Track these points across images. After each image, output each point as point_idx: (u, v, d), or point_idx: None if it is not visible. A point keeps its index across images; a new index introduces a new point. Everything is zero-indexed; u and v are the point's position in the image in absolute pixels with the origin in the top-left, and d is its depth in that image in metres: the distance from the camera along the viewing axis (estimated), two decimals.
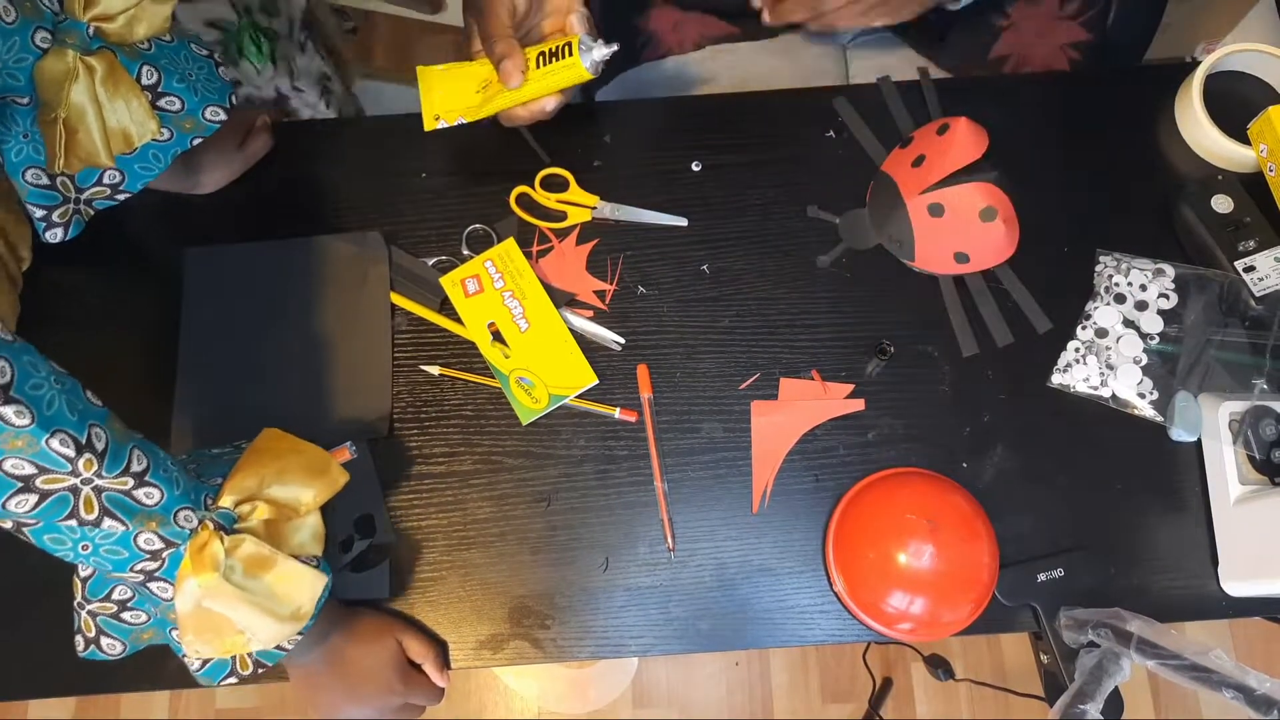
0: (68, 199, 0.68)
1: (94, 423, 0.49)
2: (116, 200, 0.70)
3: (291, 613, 0.56)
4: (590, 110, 0.85)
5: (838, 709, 1.44)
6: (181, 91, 0.66)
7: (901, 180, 0.73)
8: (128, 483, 0.50)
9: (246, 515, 0.56)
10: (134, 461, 0.51)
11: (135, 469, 0.51)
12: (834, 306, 0.74)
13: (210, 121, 0.69)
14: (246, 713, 1.39)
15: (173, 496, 0.52)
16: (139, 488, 0.51)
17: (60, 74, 0.60)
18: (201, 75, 0.68)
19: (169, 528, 0.52)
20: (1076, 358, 0.72)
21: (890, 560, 0.64)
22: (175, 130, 0.68)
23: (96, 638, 0.58)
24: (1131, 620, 0.61)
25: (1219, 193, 0.73)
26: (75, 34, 0.60)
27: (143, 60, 0.64)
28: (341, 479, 0.60)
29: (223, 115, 0.69)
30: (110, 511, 0.50)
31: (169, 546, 0.53)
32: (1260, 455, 0.66)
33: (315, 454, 0.61)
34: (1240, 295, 0.71)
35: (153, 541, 0.52)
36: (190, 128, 0.68)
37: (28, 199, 0.65)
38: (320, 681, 0.65)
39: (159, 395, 0.72)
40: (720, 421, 0.72)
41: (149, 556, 0.53)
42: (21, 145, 0.62)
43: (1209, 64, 0.76)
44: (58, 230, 0.68)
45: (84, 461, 0.48)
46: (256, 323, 0.74)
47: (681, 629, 0.68)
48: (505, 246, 0.75)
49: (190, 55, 0.68)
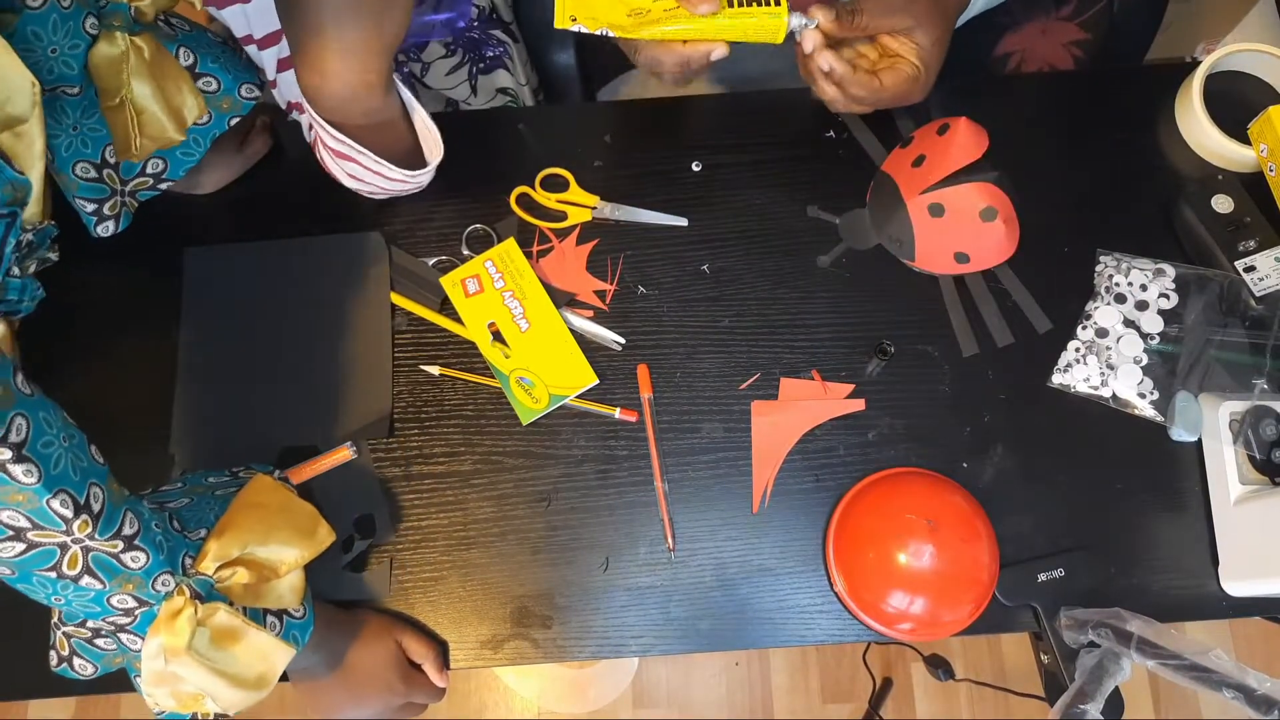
0: (115, 191, 0.68)
1: (94, 482, 0.49)
2: (159, 189, 0.71)
3: (254, 680, 0.55)
4: (590, 110, 0.85)
5: (838, 709, 1.44)
6: (216, 71, 0.67)
7: (902, 180, 0.73)
8: (118, 545, 0.50)
9: (225, 579, 0.55)
10: (126, 525, 0.50)
11: (126, 532, 0.50)
12: (834, 306, 0.74)
13: (246, 99, 0.69)
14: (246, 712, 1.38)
15: (157, 561, 0.52)
16: (127, 551, 0.51)
17: (116, 57, 0.60)
18: (228, 57, 0.69)
19: (145, 590, 0.52)
20: (1077, 358, 0.72)
21: (890, 560, 0.64)
22: (214, 111, 0.68)
23: (69, 657, 0.58)
24: (1131, 620, 0.61)
25: (1219, 193, 0.73)
26: (120, 16, 0.60)
27: (178, 42, 0.65)
28: (328, 540, 0.60)
29: (257, 92, 0.70)
30: (92, 571, 0.50)
31: (142, 605, 0.53)
32: (1260, 455, 0.66)
33: (304, 514, 0.60)
34: (1240, 295, 0.71)
35: (126, 601, 0.52)
36: (228, 107, 0.69)
37: (78, 194, 0.65)
38: (320, 683, 0.65)
39: (159, 395, 0.72)
40: (720, 421, 0.72)
41: (121, 613, 0.53)
42: (71, 139, 0.62)
43: (1209, 64, 0.76)
44: (109, 223, 0.68)
45: (79, 523, 0.48)
46: (256, 323, 0.74)
47: (681, 629, 0.68)
48: (505, 246, 0.75)
49: (210, 40, 0.69)
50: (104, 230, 0.68)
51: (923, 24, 0.68)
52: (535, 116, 0.80)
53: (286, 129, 0.80)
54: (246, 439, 0.71)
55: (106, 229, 0.68)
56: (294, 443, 0.71)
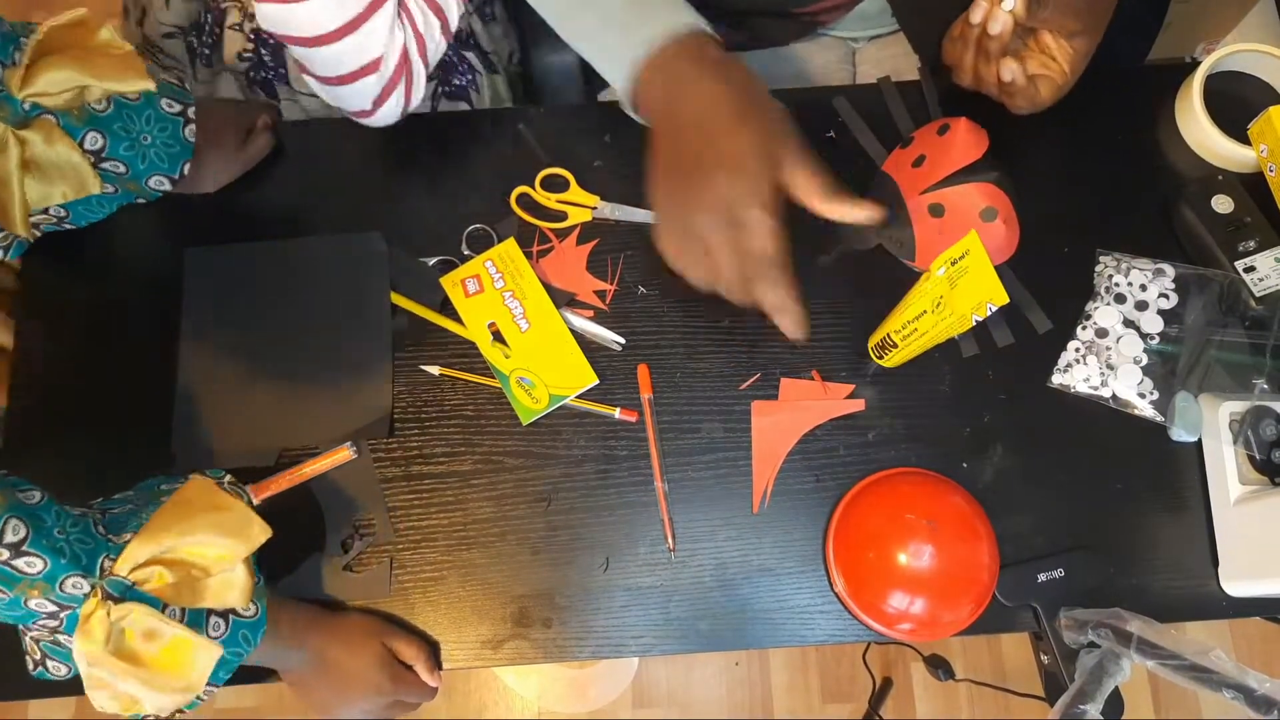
0: None
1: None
2: (63, 228, 0.72)
3: (181, 685, 0.55)
4: (590, 110, 0.85)
5: (838, 709, 1.44)
6: (127, 158, 0.67)
7: (902, 180, 0.73)
8: (3, 554, 0.50)
9: (145, 581, 0.55)
10: (8, 532, 0.50)
11: (10, 540, 0.50)
12: (834, 306, 0.74)
13: (154, 189, 0.70)
14: (246, 712, 1.38)
15: (57, 565, 0.51)
16: (16, 558, 0.50)
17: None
18: (161, 138, 0.68)
19: (55, 594, 0.52)
20: (1076, 358, 0.72)
21: (890, 560, 0.64)
22: (121, 188, 0.69)
23: (42, 660, 0.58)
24: (1131, 620, 0.61)
25: (1219, 193, 0.73)
26: (7, 108, 0.60)
27: (89, 126, 0.64)
28: (261, 536, 0.59)
29: (168, 185, 0.70)
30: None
31: (63, 609, 0.53)
32: (1260, 455, 0.66)
33: (233, 510, 0.59)
34: (1240, 295, 0.71)
35: (44, 605, 0.52)
36: (135, 189, 0.70)
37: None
38: (309, 683, 0.66)
39: (159, 395, 0.72)
40: (720, 421, 0.72)
41: (46, 616, 0.53)
42: None
43: (1209, 64, 0.76)
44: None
45: None
46: (256, 323, 0.74)
47: (681, 629, 0.68)
48: (505, 246, 0.75)
49: (155, 115, 0.68)
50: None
51: (1089, 32, 0.68)
52: (535, 116, 0.80)
53: (288, 129, 0.80)
54: (246, 439, 0.71)
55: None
56: (294, 443, 0.71)
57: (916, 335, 0.64)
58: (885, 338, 0.68)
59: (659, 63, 0.60)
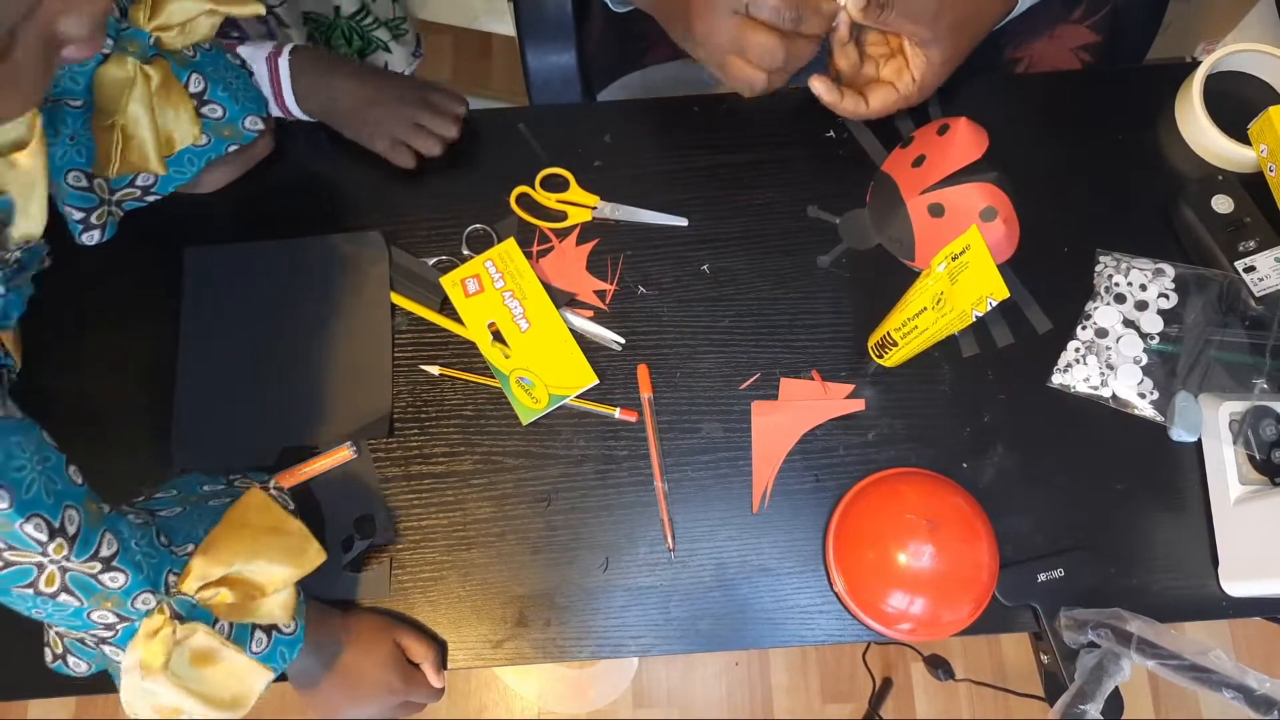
0: (104, 200, 0.68)
1: (70, 504, 0.49)
2: (145, 202, 0.71)
3: (230, 702, 0.56)
4: (590, 110, 0.85)
5: (838, 709, 1.44)
6: (224, 100, 0.68)
7: (902, 180, 0.73)
8: (95, 567, 0.50)
9: (208, 599, 0.55)
10: (104, 547, 0.51)
11: (104, 554, 0.51)
12: (834, 306, 0.74)
13: (249, 130, 0.70)
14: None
15: (136, 581, 0.52)
16: (105, 572, 0.51)
17: (120, 81, 0.61)
18: (240, 84, 0.69)
19: (125, 608, 0.52)
20: (1076, 358, 0.72)
21: (890, 560, 0.64)
22: (214, 136, 0.69)
23: (64, 655, 0.58)
24: (1131, 620, 0.61)
25: (1219, 193, 0.73)
26: (137, 42, 0.61)
27: (191, 68, 0.65)
28: (318, 559, 0.59)
29: (260, 124, 0.71)
30: (70, 590, 0.50)
31: (123, 621, 0.53)
32: (1260, 455, 0.66)
33: (294, 533, 0.60)
34: (1240, 295, 0.71)
35: (106, 617, 0.52)
36: (229, 135, 0.70)
37: (67, 201, 0.65)
38: (318, 684, 0.65)
39: (159, 395, 0.72)
40: (720, 421, 0.72)
41: (103, 627, 0.53)
42: (67, 148, 0.62)
43: (1209, 64, 0.76)
44: (95, 232, 0.69)
45: (55, 546, 0.48)
46: (256, 323, 0.74)
47: (681, 629, 0.68)
48: (505, 246, 0.75)
49: (228, 64, 0.69)
50: (89, 239, 0.68)
51: (940, 40, 0.67)
52: (535, 116, 0.80)
53: (288, 130, 0.80)
54: (247, 439, 0.71)
55: (92, 237, 0.68)
56: (294, 443, 0.71)
57: (917, 333, 0.64)
58: (885, 336, 0.68)
59: None
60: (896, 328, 0.67)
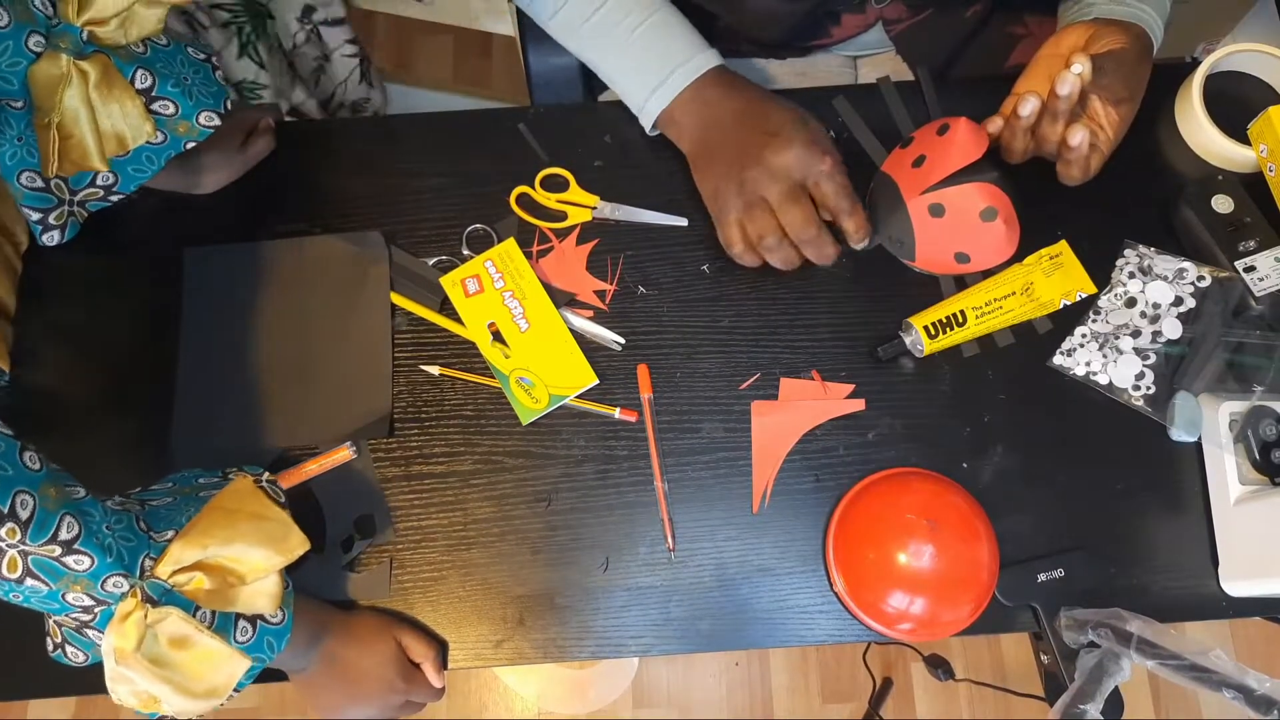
0: (63, 201, 0.68)
1: (21, 489, 0.49)
2: (110, 201, 0.71)
3: (205, 691, 0.55)
4: (590, 110, 0.85)
5: (838, 709, 1.44)
6: (176, 96, 0.66)
7: (902, 180, 0.73)
8: (55, 550, 0.50)
9: (183, 584, 0.55)
10: (63, 529, 0.50)
11: (64, 537, 0.50)
12: (834, 306, 0.74)
13: (204, 126, 0.69)
14: (246, 713, 1.38)
15: (104, 564, 0.52)
16: (67, 555, 0.51)
17: (53, 78, 0.60)
18: (198, 79, 0.68)
19: (96, 591, 0.52)
20: (1081, 342, 0.72)
21: (890, 560, 0.64)
22: (169, 134, 0.68)
23: (62, 644, 0.58)
24: (1131, 620, 0.61)
25: (1219, 193, 0.73)
26: (68, 38, 0.60)
27: (137, 64, 0.64)
28: (300, 548, 0.59)
29: (217, 120, 0.69)
30: (34, 573, 0.50)
31: (100, 604, 0.53)
32: (1260, 455, 0.66)
33: (275, 520, 0.60)
34: (1241, 295, 0.71)
35: (81, 599, 0.52)
36: (184, 131, 0.68)
37: (23, 203, 0.65)
38: (319, 684, 0.65)
39: (158, 395, 0.72)
40: (720, 421, 0.72)
41: (81, 610, 0.53)
42: (16, 149, 0.62)
43: (1209, 64, 0.76)
44: (54, 233, 0.68)
45: (6, 530, 0.48)
46: (256, 323, 0.74)
47: (681, 629, 0.68)
48: (505, 246, 0.75)
49: (186, 59, 0.67)
50: (49, 240, 0.68)
51: (1133, 99, 0.70)
52: (535, 116, 0.80)
53: (287, 129, 0.80)
54: (246, 439, 0.71)
55: (52, 238, 0.68)
56: (294, 443, 0.71)
57: (1001, 313, 0.71)
58: (955, 315, 0.70)
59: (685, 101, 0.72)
60: (976, 306, 0.70)
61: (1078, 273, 0.73)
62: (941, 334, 0.70)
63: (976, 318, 0.71)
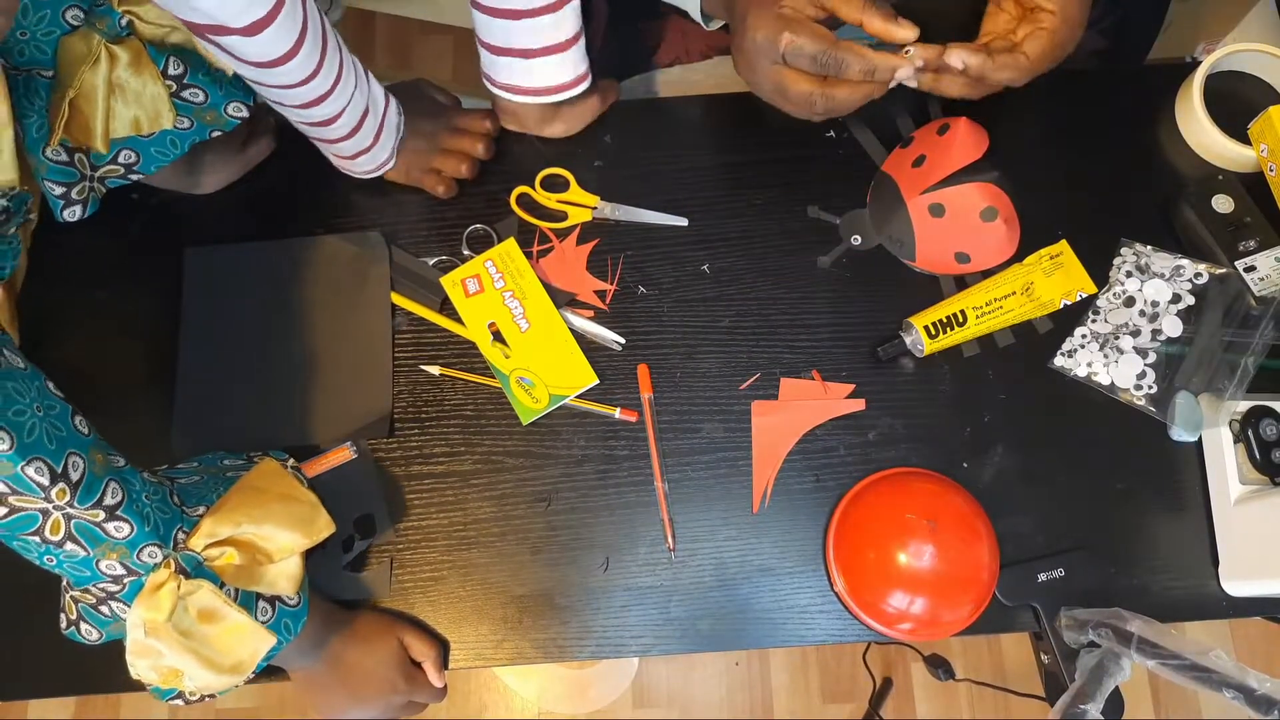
0: (84, 176, 0.68)
1: (74, 451, 0.50)
2: (129, 179, 0.71)
3: (231, 666, 0.56)
4: None
5: (838, 709, 1.44)
6: (206, 84, 0.67)
7: (902, 180, 0.73)
8: (99, 515, 0.51)
9: (214, 558, 0.56)
10: (108, 495, 0.51)
11: (109, 502, 0.51)
12: (834, 306, 0.74)
13: (232, 117, 0.69)
14: (247, 713, 1.38)
15: (142, 532, 0.52)
16: (110, 521, 0.51)
17: (80, 54, 0.60)
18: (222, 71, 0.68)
19: (131, 560, 0.53)
20: (1083, 343, 0.72)
21: (890, 560, 0.64)
22: (196, 121, 0.68)
23: (77, 621, 0.58)
24: (1132, 620, 0.61)
25: (1219, 193, 0.73)
26: (107, 20, 0.60)
27: (171, 52, 0.64)
28: (326, 530, 0.60)
29: (245, 112, 0.69)
30: (75, 538, 0.51)
31: (130, 575, 0.53)
32: (1260, 455, 0.66)
33: (304, 501, 0.61)
34: (1241, 294, 0.71)
35: (114, 568, 0.53)
36: (211, 120, 0.69)
37: (46, 176, 0.65)
38: (321, 683, 0.65)
39: (159, 395, 0.72)
40: (720, 421, 0.72)
41: (110, 580, 0.53)
42: (43, 121, 0.62)
43: (1209, 64, 0.76)
44: (76, 208, 0.68)
45: (57, 491, 0.49)
46: (256, 323, 0.74)
47: (681, 629, 0.68)
48: (505, 246, 0.75)
49: None
50: (70, 215, 0.68)
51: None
52: None
53: (289, 131, 0.80)
54: (247, 439, 0.71)
55: (73, 213, 0.68)
56: (294, 443, 0.71)
57: (1001, 313, 0.71)
58: (955, 314, 0.70)
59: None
60: (977, 305, 0.70)
61: (1078, 272, 0.73)
62: (942, 334, 0.70)
63: (977, 318, 0.70)
